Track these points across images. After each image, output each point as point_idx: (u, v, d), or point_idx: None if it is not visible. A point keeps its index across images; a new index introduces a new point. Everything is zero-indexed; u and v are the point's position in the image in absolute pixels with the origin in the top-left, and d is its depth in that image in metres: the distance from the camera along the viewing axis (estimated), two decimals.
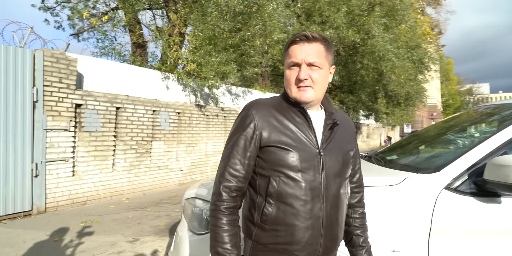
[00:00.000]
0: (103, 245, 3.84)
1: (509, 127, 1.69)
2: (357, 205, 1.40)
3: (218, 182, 1.18)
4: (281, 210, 1.13)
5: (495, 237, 1.53)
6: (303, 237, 1.13)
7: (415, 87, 15.89)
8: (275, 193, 1.13)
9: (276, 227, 1.14)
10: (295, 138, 1.16)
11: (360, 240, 1.35)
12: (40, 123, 5.00)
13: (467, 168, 1.64)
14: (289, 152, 1.13)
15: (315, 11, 12.74)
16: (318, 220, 1.14)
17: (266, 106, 1.21)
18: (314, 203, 1.14)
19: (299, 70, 1.17)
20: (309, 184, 1.14)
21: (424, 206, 1.60)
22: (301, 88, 1.17)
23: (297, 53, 1.17)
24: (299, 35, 1.18)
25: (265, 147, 1.15)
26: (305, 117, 1.20)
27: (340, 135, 1.28)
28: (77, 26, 10.22)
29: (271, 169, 1.15)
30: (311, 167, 1.15)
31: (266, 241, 1.16)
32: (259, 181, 1.18)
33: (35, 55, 4.99)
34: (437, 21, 30.95)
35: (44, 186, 5.06)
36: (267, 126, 1.16)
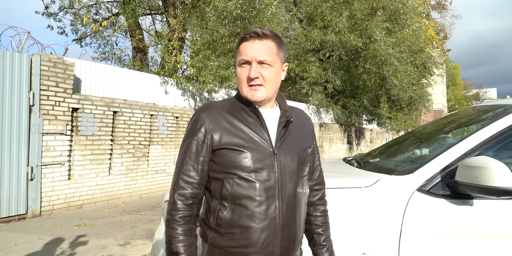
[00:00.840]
0: (93, 248, 3.84)
1: (483, 129, 1.66)
2: (318, 203, 1.37)
3: (172, 191, 1.15)
4: (236, 213, 1.11)
5: (466, 239, 1.49)
6: (259, 239, 1.10)
7: (418, 92, 15.79)
8: (229, 195, 1.11)
9: (232, 230, 1.11)
10: (247, 138, 1.13)
11: (321, 239, 1.32)
12: (36, 127, 5.04)
13: (441, 170, 1.61)
14: (242, 153, 1.11)
15: (317, 16, 12.77)
16: (274, 220, 1.12)
17: (216, 108, 1.19)
18: (269, 203, 1.11)
19: (249, 68, 1.14)
20: (264, 184, 1.11)
21: (395, 208, 1.57)
22: (252, 87, 1.15)
23: (247, 50, 1.14)
24: (249, 32, 1.15)
25: (217, 150, 1.13)
26: (257, 117, 1.18)
27: (296, 132, 1.26)
28: (80, 32, 10.34)
29: (224, 171, 1.12)
30: (265, 166, 1.12)
31: (222, 245, 1.13)
32: (213, 185, 1.16)
33: (32, 59, 5.04)
34: (442, 25, 30.84)
35: (39, 190, 5.08)
36: (217, 128, 1.13)
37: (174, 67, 7.84)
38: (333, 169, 2.29)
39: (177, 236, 1.10)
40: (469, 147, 1.62)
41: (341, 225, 1.60)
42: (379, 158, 2.35)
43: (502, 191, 1.35)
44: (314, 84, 12.83)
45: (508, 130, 1.62)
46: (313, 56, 12.68)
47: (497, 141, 1.62)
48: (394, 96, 14.91)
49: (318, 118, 13.86)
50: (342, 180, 1.78)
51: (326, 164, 2.63)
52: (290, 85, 14.69)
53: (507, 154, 1.63)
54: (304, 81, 12.70)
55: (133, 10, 7.88)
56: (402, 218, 1.55)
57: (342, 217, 1.61)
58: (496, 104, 2.07)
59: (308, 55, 12.52)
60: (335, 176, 2.01)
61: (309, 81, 12.49)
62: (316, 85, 12.93)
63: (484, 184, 1.37)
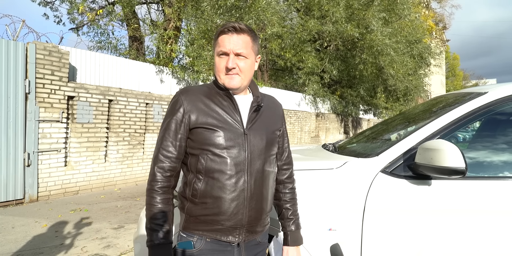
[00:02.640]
0: (88, 231, 3.99)
1: (443, 115, 1.77)
2: (287, 181, 1.50)
3: (152, 163, 1.28)
4: (209, 185, 1.24)
5: (424, 217, 1.62)
6: (229, 208, 1.24)
7: (414, 82, 15.85)
8: (204, 169, 1.24)
9: (205, 200, 1.25)
10: (221, 119, 1.27)
11: (289, 213, 1.47)
12: (32, 114, 5.14)
13: (403, 153, 1.72)
14: (215, 132, 1.24)
15: (314, 5, 12.74)
16: (243, 192, 1.25)
17: (194, 92, 1.32)
18: (239, 177, 1.25)
19: (227, 59, 1.27)
20: (234, 160, 1.25)
21: (360, 188, 1.69)
22: (229, 75, 1.28)
23: (225, 43, 1.26)
24: (228, 26, 1.27)
25: (193, 128, 1.26)
26: (231, 101, 1.31)
27: (266, 116, 1.39)
28: (77, 21, 10.34)
29: (199, 148, 1.26)
30: (236, 145, 1.26)
31: (197, 213, 1.27)
32: (190, 160, 1.29)
33: (28, 48, 5.11)
34: (441, 15, 30.65)
35: (36, 176, 5.21)
36: (195, 109, 1.26)
37: (170, 56, 7.90)
38: (310, 154, 2.41)
39: (155, 204, 1.23)
40: (430, 132, 1.73)
41: (311, 203, 1.72)
42: (355, 144, 2.46)
43: (452, 171, 1.46)
44: (310, 74, 12.89)
45: (465, 117, 1.73)
46: (310, 46, 12.71)
47: (455, 127, 1.73)
48: (391, 86, 14.99)
49: (314, 107, 13.95)
50: (314, 163, 1.89)
51: (305, 149, 2.75)
52: (286, 75, 14.76)
53: (463, 138, 1.74)
54: (301, 71, 12.76)
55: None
56: (365, 197, 1.67)
57: (312, 196, 1.73)
58: (467, 92, 2.18)
59: (305, 45, 12.54)
60: (309, 159, 2.14)
61: (306, 71, 12.54)
62: (312, 75, 12.99)
63: (438, 164, 1.49)
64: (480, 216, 1.59)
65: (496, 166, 1.77)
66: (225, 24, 1.30)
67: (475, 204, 1.61)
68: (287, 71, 14.35)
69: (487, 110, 1.77)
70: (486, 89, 1.90)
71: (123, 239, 3.78)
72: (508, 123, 1.92)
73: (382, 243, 1.64)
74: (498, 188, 1.63)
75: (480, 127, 2.15)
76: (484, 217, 1.59)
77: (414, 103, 17.26)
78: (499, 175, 1.72)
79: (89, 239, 3.74)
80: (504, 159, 1.78)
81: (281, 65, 13.06)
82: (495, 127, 1.99)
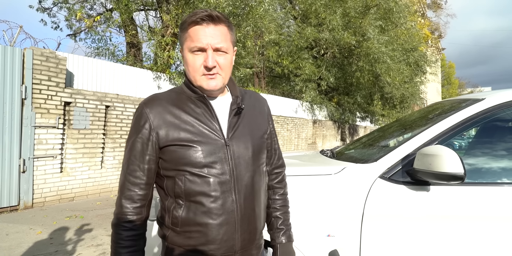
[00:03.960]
0: (83, 238, 3.94)
1: (441, 122, 1.78)
2: (277, 186, 1.32)
3: (119, 193, 1.09)
4: (191, 210, 1.06)
5: (423, 223, 1.61)
6: (217, 235, 1.06)
7: (410, 90, 15.96)
8: (183, 193, 1.06)
9: (188, 228, 1.07)
10: (196, 131, 1.07)
11: (279, 222, 1.28)
12: (28, 120, 5.12)
13: (401, 159, 1.73)
14: (191, 148, 1.05)
15: (311, 13, 12.87)
16: (232, 214, 1.07)
17: (161, 102, 1.10)
18: (225, 197, 1.07)
19: (205, 56, 1.06)
20: (217, 178, 1.06)
21: (358, 193, 1.68)
22: (208, 75, 1.07)
23: (200, 36, 1.04)
24: (201, 15, 1.04)
25: (164, 147, 1.06)
26: (206, 106, 1.11)
27: (250, 118, 1.19)
28: (74, 27, 10.37)
29: (174, 169, 1.06)
30: (218, 159, 1.06)
31: (180, 243, 1.09)
32: (166, 183, 1.10)
33: (25, 53, 5.11)
34: (437, 24, 31.02)
35: (31, 182, 5.17)
36: (163, 124, 1.06)
37: (167, 63, 7.92)
38: (308, 159, 2.41)
39: (121, 242, 1.05)
40: (428, 138, 1.74)
41: (310, 209, 1.71)
42: (353, 150, 2.47)
43: (451, 176, 1.47)
44: (307, 81, 12.97)
45: (463, 123, 1.74)
46: (307, 53, 12.80)
47: (453, 133, 1.74)
48: (387, 93, 15.08)
49: (311, 114, 13.98)
50: (312, 168, 1.89)
51: (303, 155, 2.75)
52: (284, 82, 14.82)
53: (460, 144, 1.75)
54: (298, 78, 12.83)
55: (127, 6, 7.93)
56: (364, 203, 1.66)
57: (311, 201, 1.73)
58: (464, 98, 2.19)
59: (302, 52, 12.63)
60: (308, 164, 2.13)
61: (303, 78, 12.62)
62: (309, 82, 13.07)
63: (436, 170, 1.49)
64: (478, 222, 1.59)
65: (494, 172, 1.77)
66: (196, 12, 1.06)
67: (474, 210, 1.61)
68: (284, 78, 14.42)
69: (484, 117, 1.78)
70: (483, 96, 1.91)
71: None
72: (504, 130, 1.93)
73: (380, 249, 1.63)
74: (496, 194, 1.63)
75: (477, 134, 2.16)
76: (482, 223, 1.59)
77: (410, 111, 17.35)
78: (497, 181, 1.72)
79: (85, 246, 3.70)
80: (502, 165, 1.78)
81: (279, 72, 13.13)
82: (492, 134, 2.00)
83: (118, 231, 1.06)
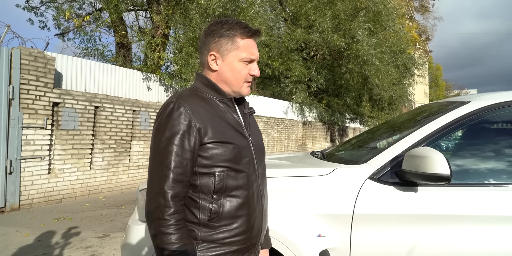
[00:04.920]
0: (72, 241, 3.90)
1: (428, 124, 1.82)
2: None
3: (163, 192, 1.03)
4: (229, 204, 1.10)
5: (411, 222, 1.65)
6: (253, 224, 1.15)
7: (398, 92, 16.16)
8: (223, 188, 1.09)
9: (226, 222, 1.10)
10: (229, 130, 1.14)
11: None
12: (15, 121, 5.04)
13: (390, 160, 1.76)
14: (230, 145, 1.10)
15: (301, 15, 12.94)
16: (259, 205, 1.18)
17: (194, 99, 1.13)
18: (255, 190, 1.17)
19: (252, 67, 1.18)
20: (250, 173, 1.15)
21: (348, 194, 1.71)
22: (248, 83, 1.20)
23: (253, 49, 1.16)
24: (254, 30, 1.15)
25: (205, 144, 1.08)
26: (234, 108, 1.21)
27: (252, 120, 1.31)
28: (62, 26, 10.25)
29: (215, 165, 1.09)
30: (249, 156, 1.16)
31: (215, 238, 1.10)
32: (200, 180, 1.10)
33: (12, 53, 5.04)
34: (424, 27, 31.48)
35: (18, 183, 5.09)
36: (203, 121, 1.08)
37: (157, 64, 7.89)
38: (299, 161, 2.44)
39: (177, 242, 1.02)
40: (416, 140, 1.78)
41: (300, 209, 1.74)
42: (343, 151, 2.50)
43: (438, 177, 1.50)
44: (297, 83, 13.02)
45: (450, 125, 1.79)
46: (297, 55, 12.86)
47: (440, 135, 1.78)
48: (376, 95, 15.23)
49: (301, 116, 14.05)
50: (303, 170, 1.92)
51: (294, 156, 2.77)
52: (274, 83, 14.84)
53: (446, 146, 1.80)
54: (288, 79, 12.87)
55: (116, 6, 7.89)
56: (354, 203, 1.69)
57: (301, 202, 1.75)
58: (451, 101, 2.24)
59: (292, 54, 12.69)
60: (298, 166, 2.16)
61: (293, 79, 12.66)
62: (299, 83, 13.13)
63: (424, 171, 1.53)
64: (463, 222, 1.63)
65: (480, 173, 1.82)
66: (243, 24, 1.15)
67: (460, 210, 1.65)
68: (275, 80, 14.45)
69: (470, 119, 1.83)
70: (469, 99, 1.96)
71: (108, 248, 3.71)
72: (489, 132, 1.98)
73: (370, 248, 1.66)
74: (481, 194, 1.67)
75: (463, 136, 2.21)
76: (467, 223, 1.63)
77: (398, 112, 17.57)
78: (483, 182, 1.77)
79: (73, 248, 3.66)
80: (487, 166, 1.83)
81: (269, 74, 13.17)
82: (478, 136, 2.05)
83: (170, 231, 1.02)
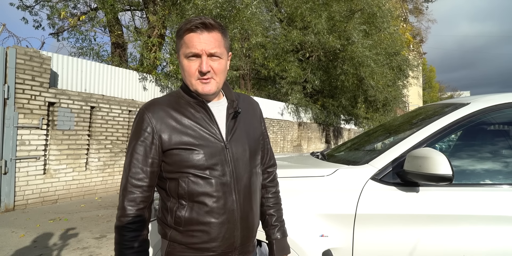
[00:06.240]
0: (68, 242, 3.87)
1: (429, 125, 1.84)
2: (269, 185, 1.39)
3: (121, 196, 1.10)
4: (195, 210, 1.11)
5: (413, 222, 1.66)
6: (219, 233, 1.12)
7: (393, 93, 16.27)
8: (186, 194, 1.10)
9: (191, 227, 1.11)
10: (197, 135, 1.12)
11: (273, 220, 1.35)
12: (10, 120, 5.00)
13: (392, 161, 1.78)
14: (193, 151, 1.10)
15: (297, 17, 12.99)
16: (233, 213, 1.13)
17: (161, 106, 1.14)
18: (226, 197, 1.12)
19: (200, 62, 1.10)
20: (219, 180, 1.12)
21: (351, 195, 1.72)
22: (203, 80, 1.11)
23: (195, 42, 1.08)
24: (195, 23, 1.08)
25: (167, 150, 1.11)
26: (205, 111, 1.16)
27: (246, 121, 1.25)
28: (57, 26, 10.18)
29: (178, 171, 1.11)
30: (219, 162, 1.12)
31: (183, 242, 1.13)
32: (169, 185, 1.14)
33: (7, 52, 4.99)
34: (418, 29, 31.73)
35: (13, 184, 5.04)
36: (165, 128, 1.10)
37: (153, 64, 7.87)
38: (300, 161, 2.45)
39: (127, 243, 1.07)
40: (417, 140, 1.80)
41: (303, 209, 1.74)
42: (343, 152, 2.52)
43: (440, 178, 1.52)
44: (293, 84, 13.06)
45: (450, 126, 1.81)
46: (293, 56, 12.90)
47: (441, 136, 1.80)
48: (371, 97, 15.32)
49: (297, 117, 14.09)
50: (305, 170, 1.93)
51: (295, 157, 2.79)
52: (269, 84, 14.89)
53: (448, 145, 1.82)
54: (284, 80, 12.91)
55: (112, 6, 7.85)
56: (356, 204, 1.70)
57: (304, 202, 1.76)
58: (447, 103, 2.27)
59: (288, 55, 12.73)
60: (300, 166, 2.17)
61: (289, 80, 12.71)
62: (295, 84, 13.17)
63: (426, 171, 1.54)
64: (465, 222, 1.65)
65: (480, 174, 1.84)
66: (190, 19, 1.11)
67: (461, 210, 1.67)
68: (270, 81, 14.50)
69: (469, 120, 1.85)
70: (468, 100, 1.99)
71: (105, 248, 3.69)
72: (489, 133, 2.01)
73: (373, 248, 1.67)
74: (483, 195, 1.70)
75: (462, 137, 2.24)
76: (468, 223, 1.65)
77: (393, 114, 17.69)
78: (484, 183, 1.79)
79: (70, 249, 3.63)
80: (486, 167, 1.86)
81: (265, 75, 13.20)
82: (478, 137, 2.08)
83: (122, 233, 1.08)
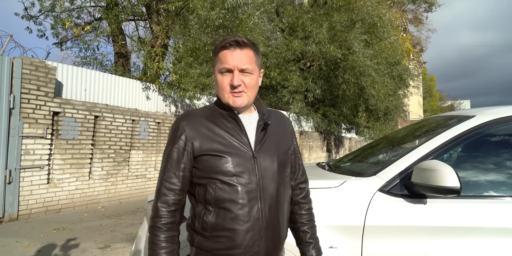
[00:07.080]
0: (73, 252, 3.87)
1: (435, 137, 1.87)
2: (302, 201, 1.41)
3: (155, 198, 1.18)
4: (220, 216, 1.15)
5: (421, 234, 1.68)
6: (243, 240, 1.14)
7: (394, 102, 16.33)
8: (213, 199, 1.15)
9: (217, 233, 1.15)
10: (226, 144, 1.18)
11: (307, 236, 1.36)
12: (16, 130, 5.03)
13: (399, 173, 1.80)
14: (222, 158, 1.15)
15: (298, 26, 13.12)
16: (257, 221, 1.16)
17: (196, 116, 1.23)
18: (252, 205, 1.15)
19: (232, 76, 1.18)
20: (245, 187, 1.15)
21: (359, 206, 1.74)
22: (234, 93, 1.19)
23: (228, 59, 1.17)
24: (229, 41, 1.18)
25: (198, 156, 1.18)
26: (236, 122, 1.22)
27: (276, 135, 1.30)
28: (61, 35, 10.29)
29: (206, 177, 1.17)
30: (246, 170, 1.16)
31: (208, 248, 1.17)
32: (197, 190, 1.20)
33: (14, 62, 5.06)
34: (418, 39, 31.97)
35: (17, 193, 5.05)
36: (198, 136, 1.18)
37: (157, 73, 7.94)
38: (307, 172, 2.46)
39: (159, 243, 1.13)
40: (424, 153, 1.82)
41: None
42: (349, 163, 2.54)
43: (448, 190, 1.54)
44: (294, 93, 13.13)
45: (456, 138, 1.84)
46: (294, 66, 12.99)
47: (447, 148, 1.83)
48: (372, 106, 15.37)
49: (298, 126, 14.12)
50: (314, 182, 1.94)
51: None
52: (271, 93, 14.94)
53: (455, 158, 1.84)
54: (285, 89, 12.97)
55: (116, 16, 7.95)
56: (365, 215, 1.72)
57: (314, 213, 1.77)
58: (451, 115, 2.30)
59: (289, 64, 12.81)
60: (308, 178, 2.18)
61: (290, 89, 12.77)
62: (296, 93, 13.23)
63: (434, 184, 1.57)
64: (472, 234, 1.66)
65: (487, 186, 1.86)
66: (225, 38, 1.21)
67: (469, 222, 1.68)
68: (272, 90, 14.56)
69: (476, 133, 1.88)
70: (473, 113, 2.02)
71: None
72: (496, 145, 2.03)
73: None
74: (490, 207, 1.71)
75: (468, 149, 2.26)
76: (476, 235, 1.66)
77: (394, 123, 17.73)
78: (491, 195, 1.81)
79: None
80: (495, 179, 1.88)
81: (266, 84, 13.26)
82: (484, 149, 2.10)
83: (156, 233, 1.14)
